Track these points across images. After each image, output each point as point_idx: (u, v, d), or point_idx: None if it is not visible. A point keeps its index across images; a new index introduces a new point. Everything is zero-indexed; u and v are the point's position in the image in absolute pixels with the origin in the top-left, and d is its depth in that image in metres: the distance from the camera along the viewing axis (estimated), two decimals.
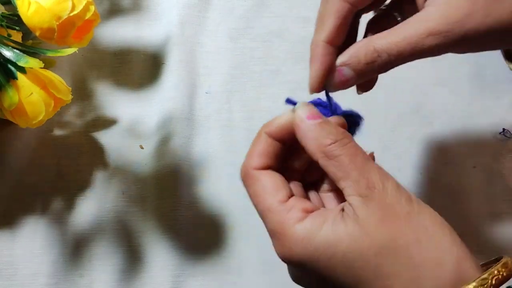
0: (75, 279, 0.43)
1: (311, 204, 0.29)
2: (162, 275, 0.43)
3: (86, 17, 0.39)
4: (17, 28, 0.43)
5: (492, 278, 0.24)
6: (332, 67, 0.30)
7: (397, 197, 0.26)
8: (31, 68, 0.40)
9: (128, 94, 0.50)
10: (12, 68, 0.40)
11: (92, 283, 0.43)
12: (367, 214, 0.26)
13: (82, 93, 0.49)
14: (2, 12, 0.43)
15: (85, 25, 0.40)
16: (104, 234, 0.44)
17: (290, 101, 0.31)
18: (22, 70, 0.40)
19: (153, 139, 0.48)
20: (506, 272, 0.25)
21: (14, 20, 0.43)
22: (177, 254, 0.44)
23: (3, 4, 0.43)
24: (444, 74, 0.51)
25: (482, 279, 0.24)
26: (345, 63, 0.29)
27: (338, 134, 0.28)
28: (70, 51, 0.40)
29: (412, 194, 0.27)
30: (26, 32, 0.44)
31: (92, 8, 0.39)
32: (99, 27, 0.51)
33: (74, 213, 0.45)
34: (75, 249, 0.44)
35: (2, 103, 0.40)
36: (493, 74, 0.51)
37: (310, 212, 0.28)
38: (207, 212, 0.45)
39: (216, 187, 0.46)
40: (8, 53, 0.39)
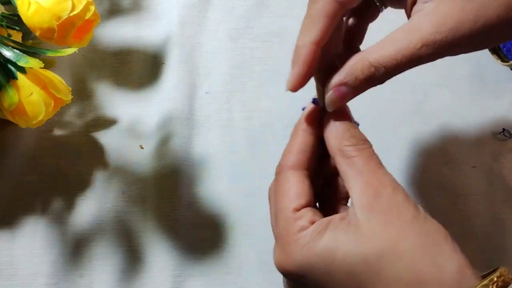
0: (75, 279, 0.43)
1: (320, 215, 0.29)
2: (162, 275, 0.43)
3: (86, 17, 0.39)
4: (17, 28, 0.43)
5: (493, 285, 0.24)
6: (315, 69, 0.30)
7: (405, 203, 0.27)
8: (31, 68, 0.40)
9: (128, 94, 0.50)
10: (12, 68, 0.40)
11: (92, 283, 0.43)
12: (371, 217, 0.26)
13: (82, 93, 0.49)
14: (2, 12, 0.43)
15: (85, 25, 0.40)
16: (104, 234, 0.44)
17: (316, 102, 0.32)
18: (22, 70, 0.40)
19: (153, 139, 0.48)
20: (507, 279, 0.25)
21: (14, 20, 0.43)
22: (177, 254, 0.44)
23: (3, 4, 0.43)
24: (444, 74, 0.51)
25: (483, 285, 0.24)
26: (343, 82, 0.29)
27: (359, 140, 0.29)
28: (70, 51, 0.40)
29: (419, 205, 0.28)
30: (26, 32, 0.44)
31: (92, 8, 0.39)
32: (99, 27, 0.51)
33: (74, 213, 0.45)
34: (75, 249, 0.44)
35: (2, 103, 0.40)
36: (493, 74, 0.51)
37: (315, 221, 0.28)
38: (207, 212, 0.45)
39: (216, 187, 0.46)
40: (8, 53, 0.39)
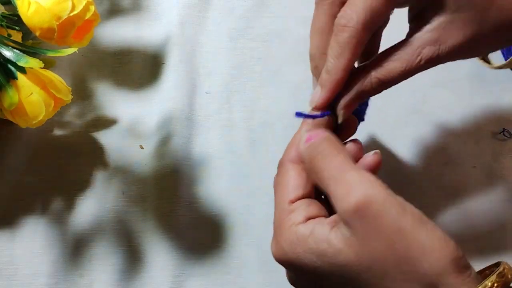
0: (75, 279, 0.43)
1: (317, 211, 0.29)
2: (162, 275, 0.43)
3: (86, 17, 0.39)
4: (17, 28, 0.43)
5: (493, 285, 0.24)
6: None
7: (385, 211, 0.25)
8: (31, 68, 0.40)
9: (128, 94, 0.50)
10: (12, 68, 0.40)
11: (92, 283, 0.43)
12: (351, 232, 0.26)
13: (82, 93, 0.49)
14: (2, 12, 0.43)
15: (85, 25, 0.40)
16: (104, 234, 0.44)
17: (300, 114, 0.32)
18: (22, 70, 0.40)
19: (153, 139, 0.48)
20: (502, 282, 0.24)
21: (14, 20, 0.43)
22: (177, 254, 0.44)
23: (3, 4, 0.43)
24: (444, 74, 0.51)
25: (484, 286, 0.24)
26: (354, 100, 0.31)
27: (319, 148, 0.29)
28: (70, 51, 0.40)
29: (407, 203, 0.26)
30: (26, 32, 0.44)
31: (92, 8, 0.39)
32: (99, 27, 0.51)
33: (74, 213, 0.45)
34: (75, 249, 0.44)
35: (2, 103, 0.40)
36: (493, 74, 0.51)
37: (311, 219, 0.28)
38: (207, 212, 0.45)
39: (216, 187, 0.46)
40: (8, 53, 0.39)
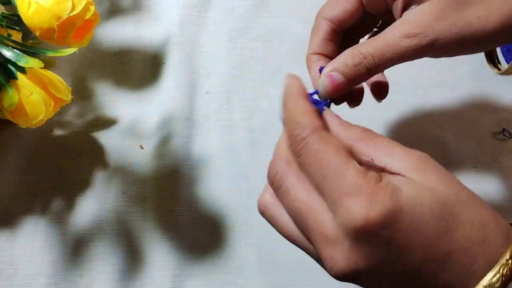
0: (75, 279, 0.43)
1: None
2: (162, 275, 0.43)
3: (86, 17, 0.39)
4: (17, 28, 0.43)
5: None
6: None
7: (437, 164, 0.30)
8: (31, 68, 0.40)
9: (128, 94, 0.50)
10: (12, 68, 0.40)
11: (92, 283, 0.43)
12: (425, 176, 0.28)
13: (82, 93, 0.49)
14: (2, 12, 0.43)
15: (85, 25, 0.40)
16: (104, 234, 0.44)
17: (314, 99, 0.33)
18: (22, 70, 0.40)
19: (153, 139, 0.48)
20: None
21: (14, 20, 0.43)
22: (177, 254, 0.44)
23: (3, 4, 0.43)
24: (444, 74, 0.51)
25: None
26: (335, 68, 0.32)
27: (372, 133, 0.30)
28: (70, 51, 0.40)
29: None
30: (26, 32, 0.44)
31: (92, 8, 0.39)
32: (99, 27, 0.51)
33: (74, 213, 0.45)
34: (75, 249, 0.44)
35: (2, 103, 0.40)
36: (493, 74, 0.51)
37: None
38: (207, 212, 0.45)
39: (216, 187, 0.46)
40: (8, 53, 0.39)
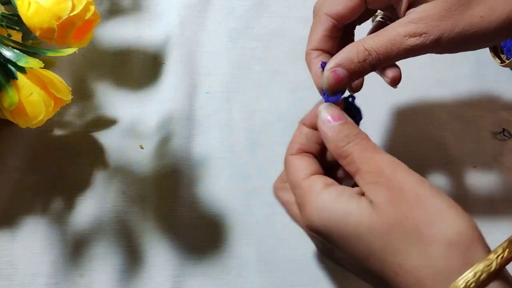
0: (75, 279, 0.43)
1: (332, 181, 0.31)
2: (162, 275, 0.43)
3: (86, 17, 0.39)
4: (17, 28, 0.43)
5: (497, 258, 0.25)
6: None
7: (407, 180, 0.28)
8: (31, 68, 0.40)
9: (128, 94, 0.50)
10: (12, 68, 0.40)
11: (92, 283, 0.43)
12: (377, 196, 0.28)
13: (82, 93, 0.49)
14: (2, 12, 0.43)
15: (85, 25, 0.40)
16: (104, 234, 0.44)
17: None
18: (22, 70, 0.40)
19: (153, 139, 0.48)
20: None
21: (14, 20, 0.43)
22: (177, 254, 0.44)
23: (3, 4, 0.43)
24: (444, 74, 0.51)
25: (487, 259, 0.25)
26: (339, 64, 0.32)
27: (351, 136, 0.30)
28: (70, 51, 0.40)
29: (426, 179, 0.29)
30: (26, 32, 0.45)
31: (92, 8, 0.39)
32: (99, 27, 0.51)
33: (74, 213, 0.45)
34: (75, 249, 0.44)
35: (2, 103, 0.40)
36: (493, 74, 0.51)
37: (329, 185, 0.30)
38: (207, 212, 0.45)
39: (216, 187, 0.46)
40: (8, 53, 0.39)
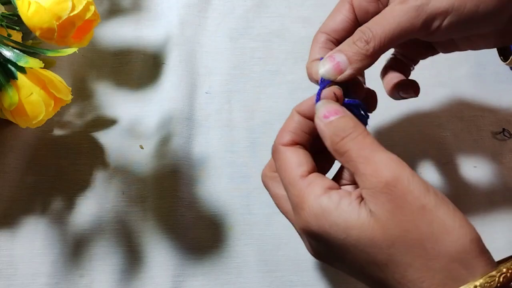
0: (75, 279, 0.43)
1: (331, 183, 0.29)
2: (162, 275, 0.43)
3: (86, 17, 0.39)
4: (17, 28, 0.43)
5: (500, 276, 0.24)
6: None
7: (410, 189, 0.26)
8: (31, 68, 0.40)
9: (128, 94, 0.50)
10: (12, 68, 0.40)
11: (92, 283, 0.43)
12: (377, 207, 0.26)
13: (82, 93, 0.49)
14: (2, 12, 0.43)
15: (85, 25, 0.40)
16: (104, 234, 0.44)
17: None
18: (22, 70, 0.40)
19: (153, 139, 0.48)
20: None
21: (14, 20, 0.43)
22: (177, 254, 0.44)
23: (3, 4, 0.43)
24: (444, 74, 0.51)
25: (490, 276, 0.24)
26: (339, 49, 0.31)
27: (347, 129, 0.28)
28: (70, 51, 0.40)
29: (430, 185, 0.27)
30: (26, 32, 0.45)
31: (92, 8, 0.39)
32: (99, 27, 0.51)
33: (74, 213, 0.45)
34: (75, 249, 0.44)
35: (2, 103, 0.40)
36: (493, 74, 0.51)
37: (330, 189, 0.28)
38: (207, 212, 0.45)
39: (216, 187, 0.46)
40: (8, 53, 0.39)
